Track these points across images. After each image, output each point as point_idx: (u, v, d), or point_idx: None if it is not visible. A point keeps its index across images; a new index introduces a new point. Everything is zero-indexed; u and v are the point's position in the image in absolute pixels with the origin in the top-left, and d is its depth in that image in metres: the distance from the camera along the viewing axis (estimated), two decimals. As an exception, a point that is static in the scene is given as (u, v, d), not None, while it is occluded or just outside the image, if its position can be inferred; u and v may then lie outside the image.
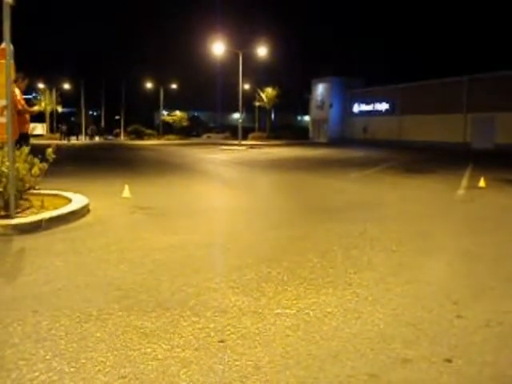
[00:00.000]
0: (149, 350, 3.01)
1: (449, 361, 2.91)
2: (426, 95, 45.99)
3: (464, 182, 13.28)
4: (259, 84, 63.56)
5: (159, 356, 2.93)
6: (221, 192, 11.73)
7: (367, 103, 54.95)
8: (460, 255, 5.46)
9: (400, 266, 4.94)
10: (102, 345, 3.06)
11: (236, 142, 43.76)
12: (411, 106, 47.75)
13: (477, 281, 4.51)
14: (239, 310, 3.69)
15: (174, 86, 72.43)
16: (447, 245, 5.97)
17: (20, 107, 8.53)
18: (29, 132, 9.01)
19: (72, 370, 2.75)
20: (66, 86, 69.12)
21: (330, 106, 57.89)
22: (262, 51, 41.60)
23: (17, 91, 8.49)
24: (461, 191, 11.32)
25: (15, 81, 8.47)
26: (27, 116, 9.17)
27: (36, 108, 10.94)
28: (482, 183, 12.10)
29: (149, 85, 72.16)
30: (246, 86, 61.40)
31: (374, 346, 3.10)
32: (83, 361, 2.85)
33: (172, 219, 7.58)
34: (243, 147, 37.00)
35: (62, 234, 6.35)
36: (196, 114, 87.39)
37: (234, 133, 58.97)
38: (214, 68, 64.37)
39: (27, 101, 8.80)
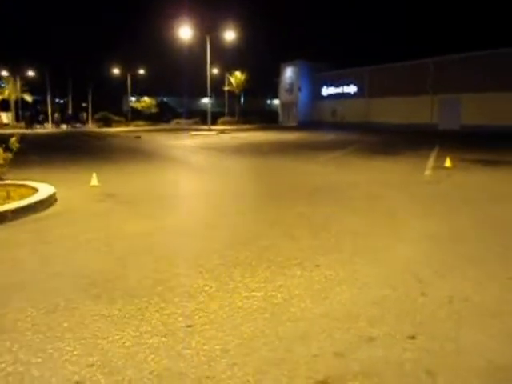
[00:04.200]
0: (116, 337, 3.01)
1: (412, 337, 2.99)
2: (393, 77, 46.41)
3: (430, 162, 13.51)
4: (228, 68, 63.12)
5: (127, 343, 2.93)
6: (190, 178, 11.68)
7: (336, 86, 55.15)
8: (425, 236, 5.57)
9: (367, 248, 5.03)
10: (70, 334, 3.05)
11: (206, 128, 43.45)
12: (379, 89, 48.13)
13: (440, 261, 4.61)
14: (207, 294, 3.71)
15: (141, 72, 71.34)
16: (413, 226, 6.08)
17: None
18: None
19: (39, 360, 2.73)
20: (31, 74, 67.43)
21: (299, 89, 57.94)
22: (229, 35, 41.24)
23: None
24: (427, 172, 11.52)
25: None
26: None
27: None
28: (448, 163, 12.33)
29: (116, 71, 70.84)
30: (215, 71, 60.98)
31: (340, 326, 3.16)
32: (50, 351, 2.84)
33: (140, 206, 7.53)
34: (213, 132, 36.79)
35: (29, 224, 6.26)
36: (164, 100, 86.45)
37: (203, 118, 58.50)
38: (182, 52, 63.49)
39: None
